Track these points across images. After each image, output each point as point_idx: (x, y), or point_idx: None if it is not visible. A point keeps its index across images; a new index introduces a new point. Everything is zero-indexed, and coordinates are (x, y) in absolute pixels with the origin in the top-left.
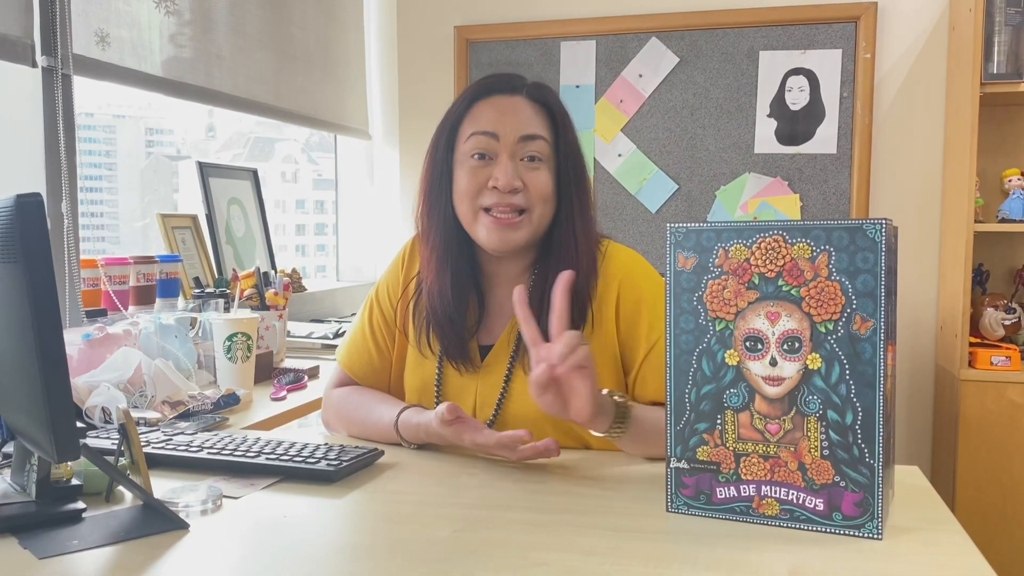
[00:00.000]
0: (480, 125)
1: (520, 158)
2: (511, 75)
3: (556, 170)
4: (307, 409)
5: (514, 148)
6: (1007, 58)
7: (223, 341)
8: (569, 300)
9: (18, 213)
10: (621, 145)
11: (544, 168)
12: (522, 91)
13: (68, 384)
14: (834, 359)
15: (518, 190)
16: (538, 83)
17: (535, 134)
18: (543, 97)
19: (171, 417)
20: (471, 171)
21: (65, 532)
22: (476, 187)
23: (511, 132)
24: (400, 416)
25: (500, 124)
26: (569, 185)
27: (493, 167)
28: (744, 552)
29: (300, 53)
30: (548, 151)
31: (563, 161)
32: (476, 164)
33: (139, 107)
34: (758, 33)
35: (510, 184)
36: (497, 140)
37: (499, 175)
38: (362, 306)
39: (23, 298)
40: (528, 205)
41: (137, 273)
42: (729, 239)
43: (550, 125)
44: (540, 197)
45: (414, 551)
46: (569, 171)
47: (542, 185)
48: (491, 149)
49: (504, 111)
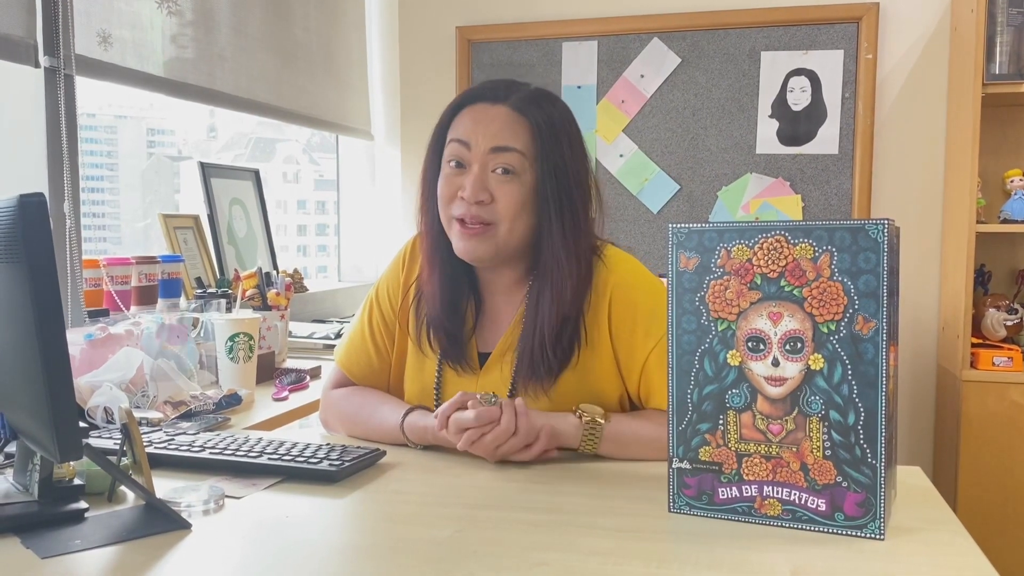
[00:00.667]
0: (457, 132)
1: (492, 169)
2: (505, 82)
3: (535, 184)
4: (309, 409)
5: (485, 159)
6: (1009, 59)
7: (225, 341)
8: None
9: (21, 213)
10: (623, 145)
11: (516, 182)
12: (508, 100)
13: (71, 384)
14: (836, 359)
15: (483, 202)
16: (531, 94)
17: (506, 146)
18: (528, 109)
19: (173, 417)
20: (446, 178)
21: (67, 532)
22: (449, 195)
23: (483, 142)
24: (406, 419)
25: (474, 133)
26: (547, 203)
27: (465, 176)
28: (746, 552)
29: (302, 53)
30: (523, 164)
31: (544, 175)
32: (451, 171)
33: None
34: (760, 33)
35: (474, 195)
36: (469, 149)
37: (466, 184)
38: (361, 306)
39: (26, 298)
40: (493, 219)
41: (139, 273)
42: (731, 239)
43: (532, 138)
44: (507, 211)
45: (416, 551)
46: (547, 188)
47: (510, 199)
48: (464, 157)
49: (480, 120)
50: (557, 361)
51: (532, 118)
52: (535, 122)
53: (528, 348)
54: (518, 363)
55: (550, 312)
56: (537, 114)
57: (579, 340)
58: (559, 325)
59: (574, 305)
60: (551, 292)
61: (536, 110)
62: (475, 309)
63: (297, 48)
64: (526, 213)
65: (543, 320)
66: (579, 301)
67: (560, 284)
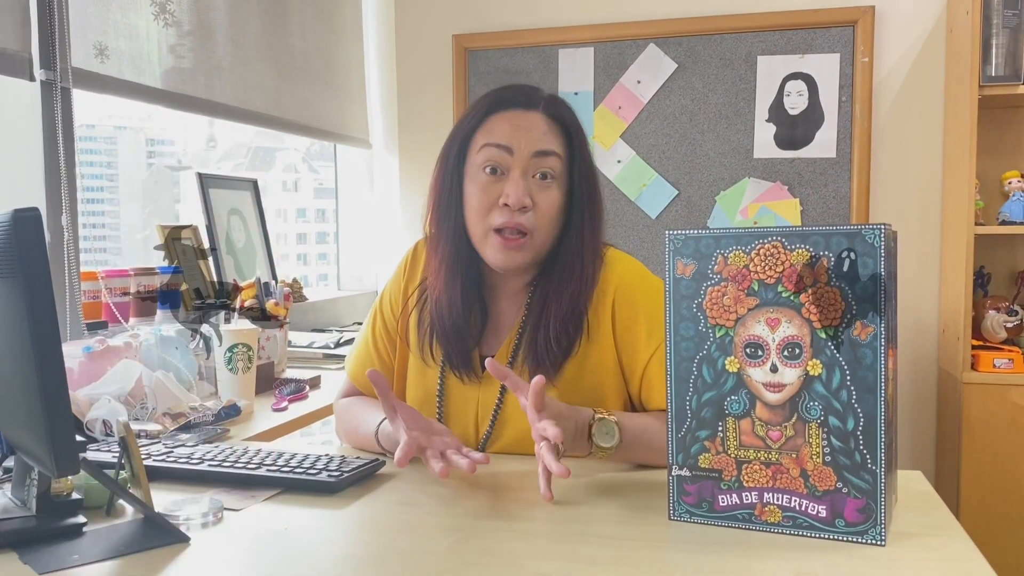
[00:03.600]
0: (494, 138)
1: (532, 175)
2: (528, 88)
3: (568, 188)
4: (308, 419)
5: (527, 164)
6: (1005, 60)
7: (224, 352)
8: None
9: (15, 228)
10: (620, 151)
11: (555, 187)
12: (539, 106)
13: (67, 399)
14: (835, 365)
15: (527, 208)
16: (555, 97)
17: (549, 150)
18: (559, 113)
19: (172, 429)
20: (482, 187)
21: (66, 547)
22: (487, 204)
23: (525, 147)
24: (380, 425)
25: (515, 138)
26: (582, 204)
27: (504, 183)
28: (747, 560)
29: (299, 63)
30: (561, 168)
31: (577, 179)
32: (487, 179)
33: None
34: (756, 38)
35: (520, 201)
36: (511, 155)
37: (510, 191)
38: (368, 314)
39: (21, 313)
40: (533, 226)
41: (138, 285)
42: (728, 246)
43: (565, 142)
44: (547, 218)
45: (415, 562)
46: (582, 190)
47: (551, 205)
48: (504, 163)
49: (519, 125)
50: (562, 351)
51: (564, 123)
52: (568, 126)
53: (532, 344)
54: (523, 360)
55: (557, 309)
56: (568, 118)
57: (581, 332)
58: (560, 322)
59: (574, 303)
60: (557, 292)
61: (567, 114)
62: (480, 314)
63: (294, 58)
64: (560, 218)
65: (549, 316)
66: (580, 298)
67: (571, 285)
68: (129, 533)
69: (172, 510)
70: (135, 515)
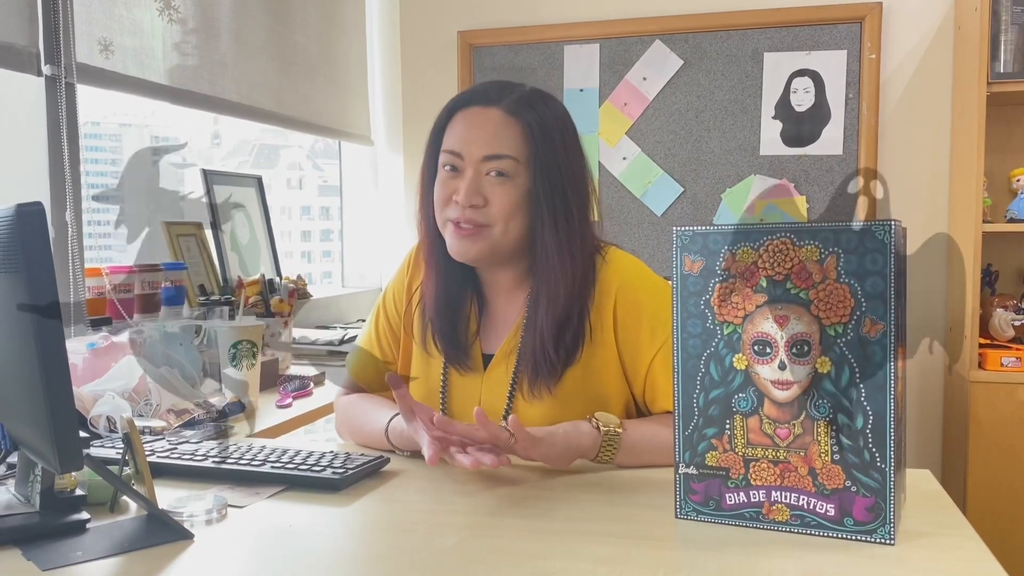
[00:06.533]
0: (448, 143)
1: (486, 173)
2: (499, 84)
3: (530, 185)
4: (313, 416)
5: (479, 165)
6: (1014, 56)
7: (228, 349)
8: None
9: (19, 222)
10: (626, 148)
11: (510, 184)
12: (500, 103)
13: (70, 395)
14: (844, 362)
15: (477, 206)
16: (524, 95)
17: (499, 154)
18: (520, 111)
19: (176, 426)
20: (441, 182)
21: (69, 543)
22: (444, 198)
23: (476, 152)
24: (390, 423)
25: (465, 143)
26: (539, 201)
27: (459, 179)
28: (754, 559)
29: (303, 60)
30: (517, 167)
31: (537, 177)
32: (446, 175)
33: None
34: (762, 35)
35: (468, 200)
36: (462, 159)
37: (460, 189)
38: (371, 311)
39: (25, 308)
40: (488, 221)
41: (142, 281)
42: (736, 242)
43: (525, 140)
44: (501, 213)
45: (420, 560)
46: (542, 187)
47: (506, 201)
48: (458, 163)
49: (474, 124)
50: (560, 360)
51: (524, 120)
52: (527, 124)
53: (530, 348)
54: (521, 363)
55: (546, 312)
56: (530, 115)
57: (583, 338)
58: (557, 325)
59: (570, 305)
60: (547, 292)
61: (528, 111)
62: (479, 311)
63: (298, 55)
64: (521, 214)
65: (542, 320)
66: (577, 301)
67: (554, 284)
68: (133, 530)
69: (176, 507)
70: (139, 512)
